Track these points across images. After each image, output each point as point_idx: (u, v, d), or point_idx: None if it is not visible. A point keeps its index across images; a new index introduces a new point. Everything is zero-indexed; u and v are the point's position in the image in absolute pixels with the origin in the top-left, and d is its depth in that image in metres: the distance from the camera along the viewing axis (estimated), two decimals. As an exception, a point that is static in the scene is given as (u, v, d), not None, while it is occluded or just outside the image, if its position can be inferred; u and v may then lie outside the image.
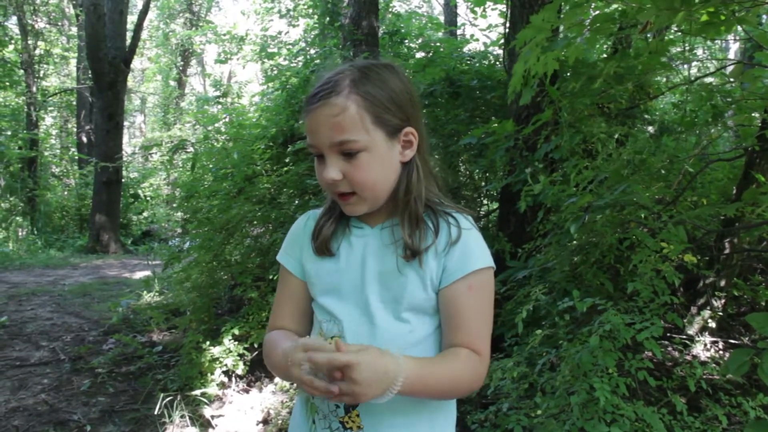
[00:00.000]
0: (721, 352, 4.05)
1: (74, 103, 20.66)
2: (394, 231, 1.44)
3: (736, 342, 4.06)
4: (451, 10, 16.35)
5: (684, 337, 4.07)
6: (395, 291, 1.40)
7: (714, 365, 3.58)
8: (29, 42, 17.30)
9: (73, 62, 21.23)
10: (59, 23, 20.76)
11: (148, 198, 20.56)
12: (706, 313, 4.12)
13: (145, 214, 19.85)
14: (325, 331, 1.45)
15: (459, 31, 14.71)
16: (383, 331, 1.39)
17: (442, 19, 16.56)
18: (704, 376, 3.36)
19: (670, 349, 4.03)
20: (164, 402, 4.13)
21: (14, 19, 17.91)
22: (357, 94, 1.32)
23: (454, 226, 1.42)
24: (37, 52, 18.12)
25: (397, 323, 1.39)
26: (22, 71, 17.51)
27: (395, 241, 1.42)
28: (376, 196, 1.40)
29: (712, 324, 4.14)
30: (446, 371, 1.33)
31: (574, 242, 3.35)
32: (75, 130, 20.56)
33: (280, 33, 11.88)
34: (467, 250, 1.40)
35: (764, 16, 5.84)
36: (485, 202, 6.58)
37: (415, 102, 1.44)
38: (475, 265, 1.39)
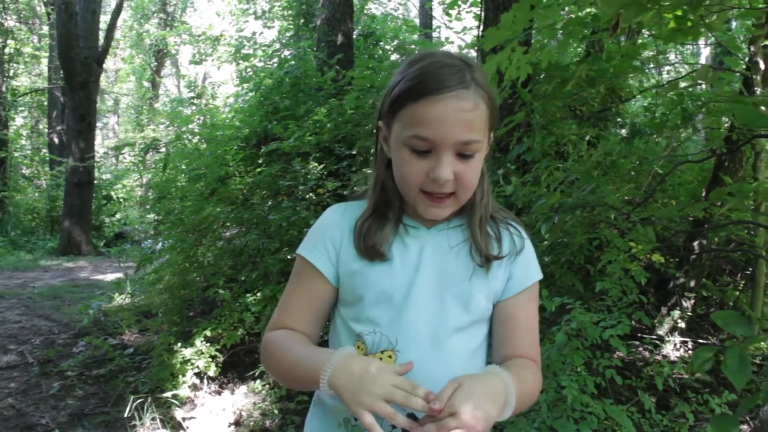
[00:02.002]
0: (690, 351, 4.10)
1: (45, 103, 20.39)
2: (458, 233, 1.35)
3: (705, 342, 4.12)
4: (426, 13, 16.39)
5: (654, 337, 4.12)
6: (458, 298, 1.30)
7: (683, 364, 3.63)
8: (-1, 40, 17.06)
9: (45, 61, 20.95)
10: (30, 21, 20.49)
11: (121, 200, 20.34)
12: (676, 313, 4.17)
13: (118, 215, 19.63)
14: (368, 345, 1.31)
15: (434, 34, 14.77)
16: (439, 342, 1.29)
17: (417, 21, 16.60)
18: (673, 376, 3.41)
19: (641, 349, 4.07)
20: (135, 404, 4.09)
21: (-17, 17, 17.65)
22: (484, 91, 1.22)
23: (516, 236, 1.37)
24: (7, 50, 17.85)
25: (456, 333, 1.30)
26: (-9, 70, 17.25)
27: (461, 242, 1.33)
28: (467, 199, 1.30)
29: (682, 324, 4.19)
30: (529, 383, 1.28)
31: (545, 242, 3.38)
32: (46, 130, 20.30)
33: (255, 34, 11.83)
34: (529, 261, 1.37)
35: (733, 22, 5.93)
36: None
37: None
38: (536, 276, 1.37)
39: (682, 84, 4.00)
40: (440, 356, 1.28)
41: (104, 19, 16.01)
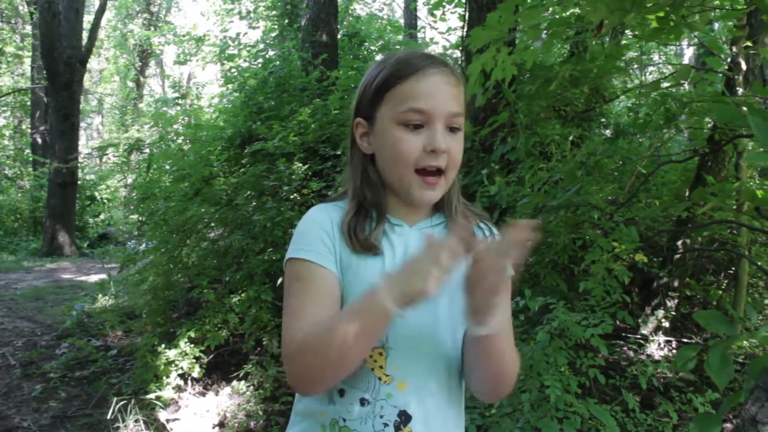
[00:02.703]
0: (674, 351, 4.12)
1: (28, 103, 20.22)
2: (439, 230, 1.36)
3: (689, 341, 4.14)
4: (411, 14, 16.40)
5: (638, 336, 4.13)
6: (444, 292, 1.23)
7: (667, 364, 3.64)
8: (-19, 40, 16.89)
9: (28, 61, 20.76)
10: (12, 21, 20.32)
11: (105, 200, 20.21)
12: (660, 312, 4.19)
13: (101, 216, 19.50)
14: None
15: (419, 35, 14.78)
16: (433, 339, 1.30)
17: (402, 22, 16.61)
18: (657, 375, 3.42)
19: (625, 348, 4.09)
20: (118, 406, 4.06)
21: (-35, 16, 17.48)
22: (462, 77, 1.31)
23: (487, 230, 1.39)
24: (-10, 50, 17.70)
25: (450, 330, 1.31)
26: (-27, 70, 17.09)
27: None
28: (451, 181, 1.33)
29: (666, 323, 4.21)
30: (512, 346, 1.30)
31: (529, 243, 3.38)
32: (29, 130, 20.12)
33: (239, 34, 11.78)
34: None
35: (715, 24, 5.97)
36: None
37: None
38: (509, 270, 1.32)
39: (665, 84, 4.03)
40: (430, 350, 1.28)
41: (88, 19, 15.87)
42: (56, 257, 13.51)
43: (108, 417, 4.03)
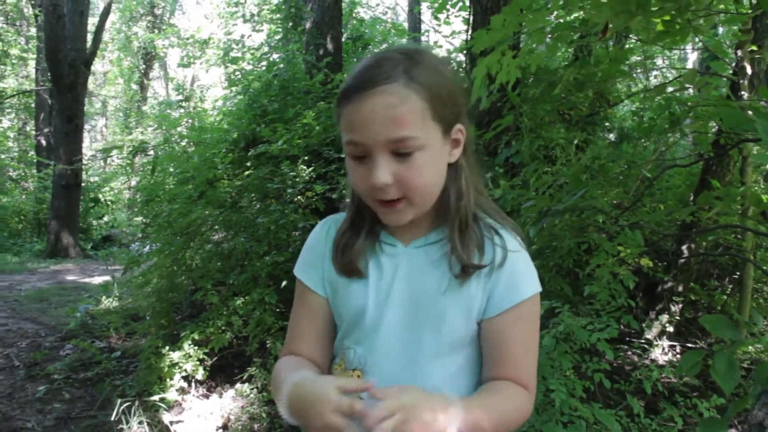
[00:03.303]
0: (678, 355, 4.12)
1: (33, 105, 20.27)
2: (436, 248, 1.26)
3: (693, 346, 4.13)
4: (415, 17, 16.43)
5: (643, 341, 4.13)
6: (432, 319, 1.23)
7: (672, 368, 3.64)
8: (-14, 42, 16.94)
9: (32, 63, 20.83)
10: (17, 23, 20.37)
11: (109, 202, 20.25)
12: (664, 317, 4.18)
13: (105, 218, 19.53)
14: (346, 362, 1.30)
15: (423, 38, 14.79)
16: (410, 367, 1.23)
17: (406, 26, 16.63)
18: (662, 380, 3.42)
19: (629, 353, 4.08)
20: (122, 408, 4.06)
21: (-29, 18, 17.54)
22: (416, 82, 1.12)
23: (499, 247, 1.23)
24: (-6, 52, 17.75)
25: (432, 357, 1.24)
26: (-22, 72, 17.13)
27: (440, 257, 1.24)
28: (426, 202, 1.21)
29: (670, 328, 4.20)
30: (498, 410, 1.18)
31: (534, 246, 3.38)
32: (33, 132, 20.16)
33: (243, 37, 11.80)
34: (515, 276, 1.22)
35: (720, 28, 5.97)
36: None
37: (465, 95, 1.27)
38: (525, 294, 1.22)
39: (670, 88, 4.03)
40: (413, 380, 1.21)
41: (92, 22, 15.94)
42: (60, 259, 13.54)
43: (112, 419, 4.03)
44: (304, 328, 1.37)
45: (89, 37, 14.49)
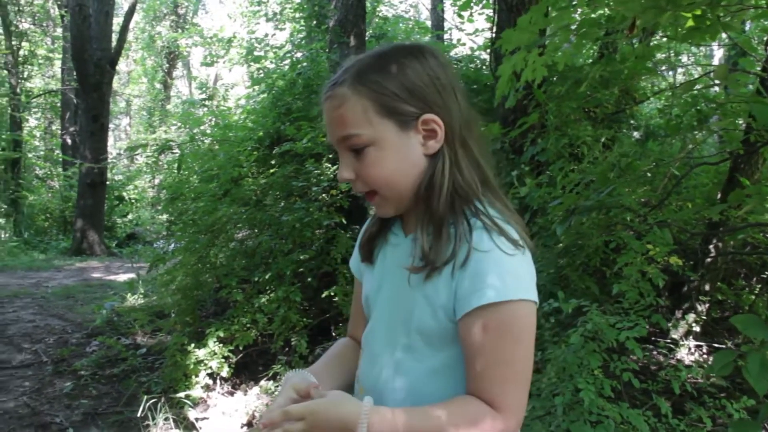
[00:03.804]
0: (705, 356, 4.07)
1: (59, 104, 20.51)
2: (416, 239, 1.23)
3: (720, 346, 4.08)
4: (437, 15, 16.37)
5: (668, 340, 4.09)
6: (404, 313, 1.23)
7: (699, 368, 3.60)
8: (13, 42, 17.17)
9: (58, 63, 21.07)
10: (44, 24, 20.62)
11: (133, 200, 20.43)
12: (691, 317, 4.14)
13: (129, 216, 19.72)
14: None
15: (446, 36, 14.76)
16: (386, 358, 1.26)
17: (428, 24, 16.60)
18: (688, 380, 3.38)
19: (655, 352, 4.04)
20: (148, 404, 4.10)
21: (-2, 19, 17.78)
22: (361, 84, 1.18)
23: (466, 244, 1.16)
24: (21, 52, 17.98)
25: (403, 351, 1.24)
26: (5, 72, 17.37)
27: (415, 253, 1.22)
28: (398, 195, 1.22)
29: (696, 328, 4.16)
30: (429, 423, 1.11)
31: (560, 245, 3.36)
32: (59, 131, 20.40)
33: (266, 36, 11.85)
34: (478, 278, 1.13)
35: (747, 23, 5.90)
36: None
37: (444, 86, 1.22)
38: (488, 298, 1.11)
39: (698, 85, 3.98)
40: (387, 373, 1.24)
41: (117, 21, 16.06)
42: (85, 256, 13.69)
43: (138, 415, 4.07)
44: (355, 314, 1.50)
45: (114, 37, 14.63)
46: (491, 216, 1.20)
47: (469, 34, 9.63)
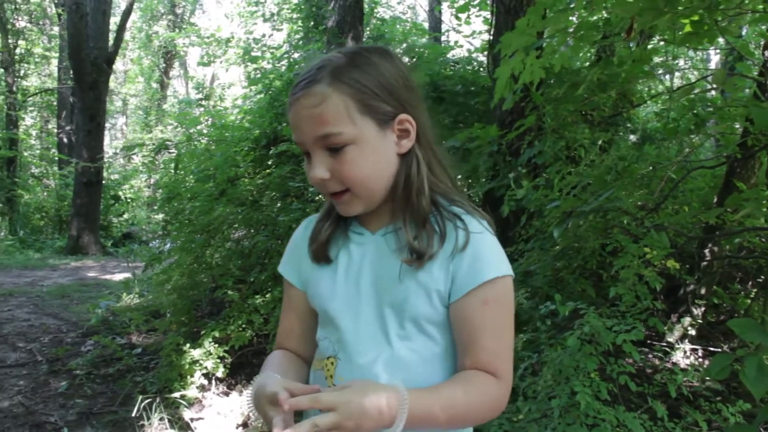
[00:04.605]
0: (700, 359, 4.08)
1: (55, 103, 20.48)
2: (398, 235, 1.27)
3: (716, 349, 4.09)
4: (435, 17, 16.40)
5: (664, 344, 4.09)
6: (396, 303, 1.25)
7: (695, 372, 3.60)
8: (9, 41, 17.13)
9: (54, 62, 21.05)
10: (40, 22, 20.58)
11: (129, 200, 20.41)
12: (686, 320, 4.14)
13: (125, 216, 19.69)
14: (321, 351, 1.33)
15: (443, 38, 14.77)
16: (380, 351, 1.24)
17: (426, 25, 16.61)
18: (684, 383, 3.39)
19: (650, 356, 4.05)
20: (143, 404, 4.09)
21: (-5, 17, 17.75)
22: (340, 81, 1.19)
23: (461, 230, 1.24)
24: (18, 51, 17.94)
25: (398, 341, 1.24)
26: (1, 70, 17.33)
27: (400, 247, 1.26)
28: (371, 193, 1.25)
29: (692, 332, 4.16)
30: (457, 400, 1.16)
31: (557, 247, 3.37)
32: (55, 130, 20.37)
33: (264, 36, 11.84)
34: (478, 258, 1.22)
35: (744, 28, 5.91)
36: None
37: (413, 88, 1.28)
38: (488, 275, 1.21)
39: (696, 89, 3.99)
40: (382, 365, 1.23)
41: (114, 20, 16.06)
42: (81, 255, 13.67)
43: (133, 415, 4.06)
44: (289, 324, 1.44)
45: (111, 36, 14.61)
46: (466, 204, 1.30)
47: (467, 36, 9.65)
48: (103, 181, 15.58)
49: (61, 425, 4.01)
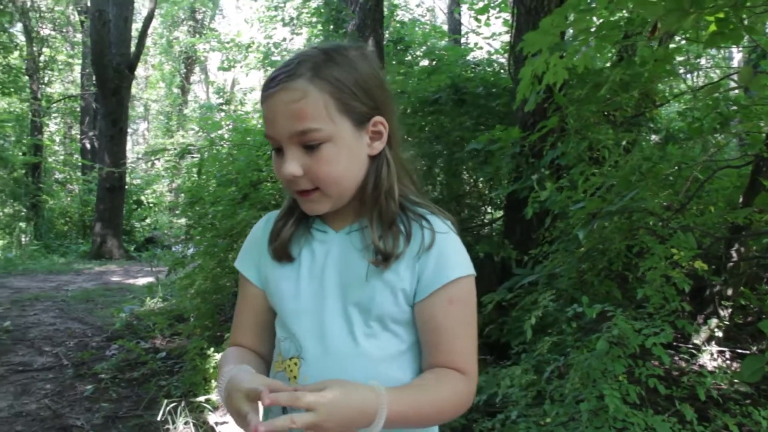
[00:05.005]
0: (728, 361, 4.03)
1: (78, 109, 20.71)
2: (364, 234, 1.27)
3: (744, 351, 4.03)
4: (454, 19, 16.38)
5: (690, 346, 4.04)
6: (361, 302, 1.25)
7: (723, 374, 3.55)
8: (34, 48, 17.35)
9: (77, 69, 21.29)
10: (64, 30, 20.83)
11: (151, 205, 20.57)
12: (713, 322, 4.09)
13: (147, 220, 19.85)
14: (282, 352, 1.31)
15: (462, 40, 14.74)
16: (346, 349, 1.24)
17: (445, 28, 16.59)
18: (712, 386, 3.34)
19: (676, 358, 4.00)
20: (168, 408, 4.11)
21: (19, 25, 17.98)
22: (320, 78, 1.18)
23: (427, 230, 1.25)
24: (42, 58, 18.17)
25: (364, 339, 1.25)
26: (26, 77, 17.55)
27: (365, 246, 1.26)
28: (341, 193, 1.25)
29: (719, 333, 4.11)
30: (429, 398, 1.19)
31: (581, 249, 3.34)
32: (78, 136, 20.59)
33: (284, 40, 11.91)
34: (443, 258, 1.24)
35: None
36: (489, 210, 6.58)
37: (387, 90, 1.29)
38: (453, 274, 1.23)
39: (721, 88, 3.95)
40: (349, 364, 1.23)
41: (135, 27, 16.21)
42: (104, 260, 13.81)
43: (158, 419, 4.08)
44: (244, 320, 1.42)
45: (133, 42, 14.76)
46: (431, 206, 1.32)
47: (486, 37, 9.63)
48: (126, 186, 15.73)
49: (87, 428, 4.04)
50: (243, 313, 1.43)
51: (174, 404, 4.15)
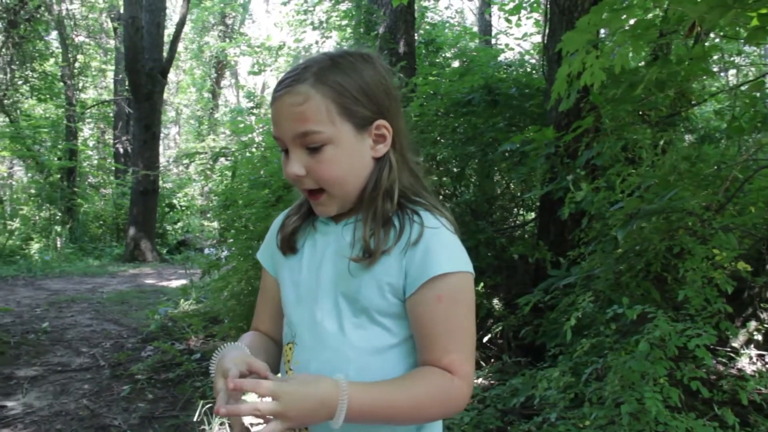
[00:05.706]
0: (767, 366, 3.95)
1: (111, 115, 21.00)
2: (356, 228, 1.31)
3: (785, 355, 3.96)
4: (484, 20, 16.33)
5: (729, 349, 3.98)
6: (349, 293, 1.28)
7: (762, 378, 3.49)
8: (69, 55, 17.64)
9: (110, 75, 21.61)
10: (98, 36, 21.15)
11: (183, 208, 20.77)
12: (752, 324, 4.02)
13: (179, 223, 20.05)
14: (284, 337, 1.40)
15: (493, 41, 14.69)
16: (334, 338, 1.28)
17: (475, 29, 16.55)
18: (753, 390, 3.28)
19: (714, 362, 3.93)
20: (204, 409, 4.14)
21: (55, 33, 18.32)
22: (323, 83, 1.23)
23: (416, 224, 1.26)
24: (76, 65, 18.47)
25: (352, 330, 1.27)
26: (62, 84, 17.85)
27: (355, 240, 1.29)
28: (345, 194, 1.29)
29: (758, 336, 4.03)
30: (405, 395, 1.19)
31: (620, 250, 3.30)
32: (112, 141, 20.88)
33: (316, 43, 11.97)
34: (429, 252, 1.23)
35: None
36: (521, 212, 6.54)
37: (392, 95, 1.33)
38: (439, 269, 1.22)
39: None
40: (336, 353, 1.27)
41: (168, 32, 16.39)
42: (138, 263, 13.97)
43: (194, 419, 4.12)
44: (262, 307, 1.52)
45: (165, 48, 14.94)
46: (430, 201, 1.34)
47: (518, 38, 9.60)
48: (159, 190, 15.91)
49: (125, 428, 4.09)
50: (262, 300, 1.52)
51: (210, 405, 4.18)
